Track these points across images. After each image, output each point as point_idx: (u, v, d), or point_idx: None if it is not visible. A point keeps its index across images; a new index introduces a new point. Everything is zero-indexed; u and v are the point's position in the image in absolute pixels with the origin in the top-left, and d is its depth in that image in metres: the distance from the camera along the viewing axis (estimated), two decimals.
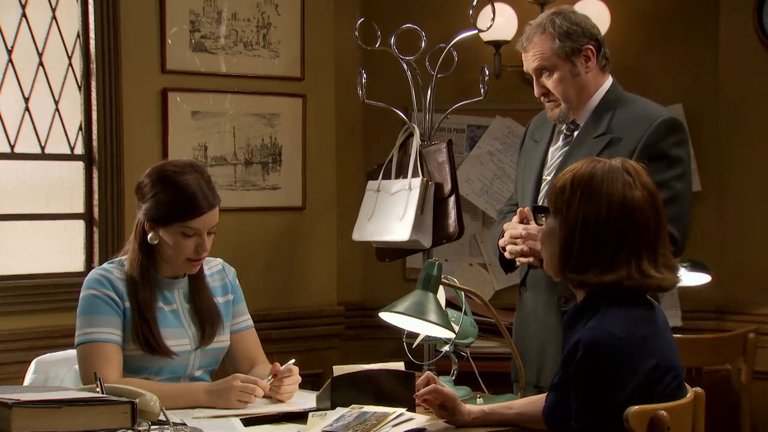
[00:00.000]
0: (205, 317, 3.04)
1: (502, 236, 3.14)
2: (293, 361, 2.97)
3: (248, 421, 2.68)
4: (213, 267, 3.16)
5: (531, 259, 3.05)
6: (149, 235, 2.98)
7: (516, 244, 3.07)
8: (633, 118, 3.11)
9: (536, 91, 3.21)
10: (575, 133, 3.19)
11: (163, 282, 3.04)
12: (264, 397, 2.91)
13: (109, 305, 2.94)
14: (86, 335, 2.93)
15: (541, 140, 3.28)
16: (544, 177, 3.21)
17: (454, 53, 4.23)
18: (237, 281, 3.19)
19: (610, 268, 2.35)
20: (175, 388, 2.92)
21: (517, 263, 3.15)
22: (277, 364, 2.96)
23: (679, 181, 3.06)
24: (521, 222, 3.09)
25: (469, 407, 2.68)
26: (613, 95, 3.18)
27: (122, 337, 2.94)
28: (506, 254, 3.12)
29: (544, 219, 2.48)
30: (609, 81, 3.21)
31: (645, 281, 2.35)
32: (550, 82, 3.16)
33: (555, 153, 3.22)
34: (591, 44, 3.17)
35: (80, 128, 4.42)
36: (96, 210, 4.38)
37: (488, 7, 4.20)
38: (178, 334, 3.00)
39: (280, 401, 2.92)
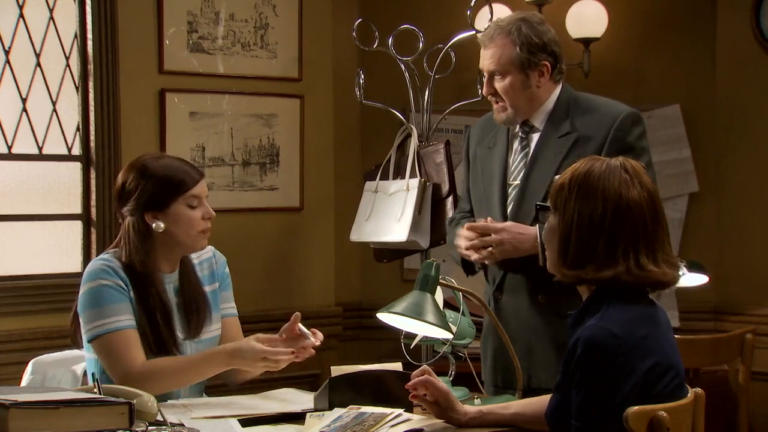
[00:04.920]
0: (191, 308, 3.00)
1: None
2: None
3: (246, 422, 2.68)
4: (203, 254, 3.11)
5: (487, 251, 3.08)
6: (154, 225, 2.93)
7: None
8: (597, 116, 3.15)
9: (485, 90, 3.22)
10: (532, 135, 3.20)
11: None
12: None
13: (119, 292, 2.90)
14: (102, 326, 2.87)
15: (494, 146, 3.27)
16: (509, 182, 3.21)
17: (452, 54, 4.24)
18: (227, 269, 3.15)
19: (606, 265, 2.35)
20: (191, 360, 2.91)
21: (475, 264, 3.21)
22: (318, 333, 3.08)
23: (648, 170, 3.09)
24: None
25: (466, 407, 2.68)
26: (566, 95, 3.21)
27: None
28: (461, 250, 3.17)
29: (547, 217, 2.49)
30: (560, 85, 3.23)
31: (644, 276, 2.36)
32: (500, 86, 3.18)
33: (516, 156, 3.23)
34: (548, 61, 3.17)
35: (78, 129, 4.42)
36: (93, 211, 4.38)
37: (486, 8, 4.20)
38: None
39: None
